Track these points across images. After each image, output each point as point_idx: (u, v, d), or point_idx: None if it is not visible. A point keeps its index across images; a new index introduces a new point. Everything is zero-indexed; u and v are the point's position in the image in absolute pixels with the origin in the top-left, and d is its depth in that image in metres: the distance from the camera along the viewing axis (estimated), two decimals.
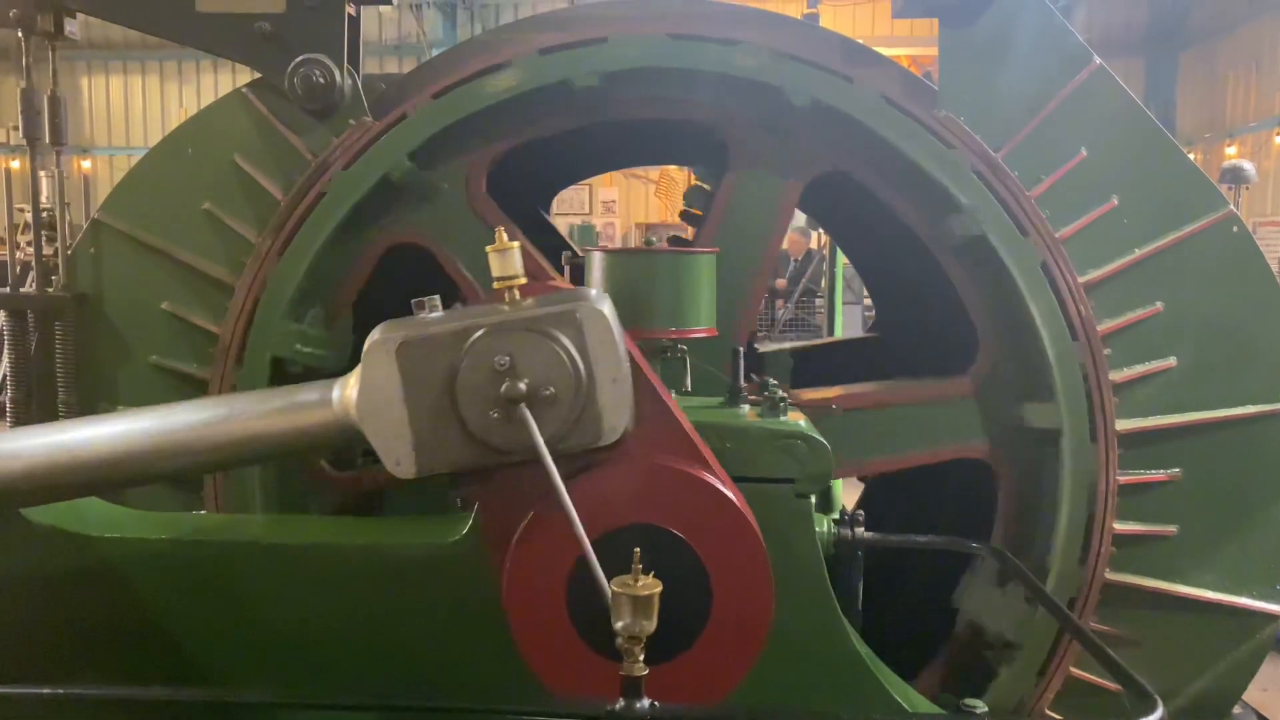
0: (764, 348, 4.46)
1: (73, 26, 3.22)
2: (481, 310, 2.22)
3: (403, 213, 3.21)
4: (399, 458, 2.18)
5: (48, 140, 3.26)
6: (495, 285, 2.21)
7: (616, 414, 2.19)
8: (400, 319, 2.25)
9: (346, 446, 2.30)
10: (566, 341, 2.15)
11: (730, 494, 2.38)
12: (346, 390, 2.23)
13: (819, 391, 3.26)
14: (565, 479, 2.14)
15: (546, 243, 4.04)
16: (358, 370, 2.21)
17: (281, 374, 3.16)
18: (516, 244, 2.21)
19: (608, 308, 2.22)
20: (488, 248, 2.22)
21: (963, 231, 3.04)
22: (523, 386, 2.12)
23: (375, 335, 2.21)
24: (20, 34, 3.15)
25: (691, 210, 3.75)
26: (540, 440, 2.11)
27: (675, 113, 3.20)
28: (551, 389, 2.14)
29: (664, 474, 2.41)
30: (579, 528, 2.11)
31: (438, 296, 2.24)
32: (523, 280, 2.22)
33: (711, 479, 2.40)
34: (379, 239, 3.23)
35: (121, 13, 3.17)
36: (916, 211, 3.15)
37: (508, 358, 2.12)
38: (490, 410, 2.14)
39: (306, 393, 2.32)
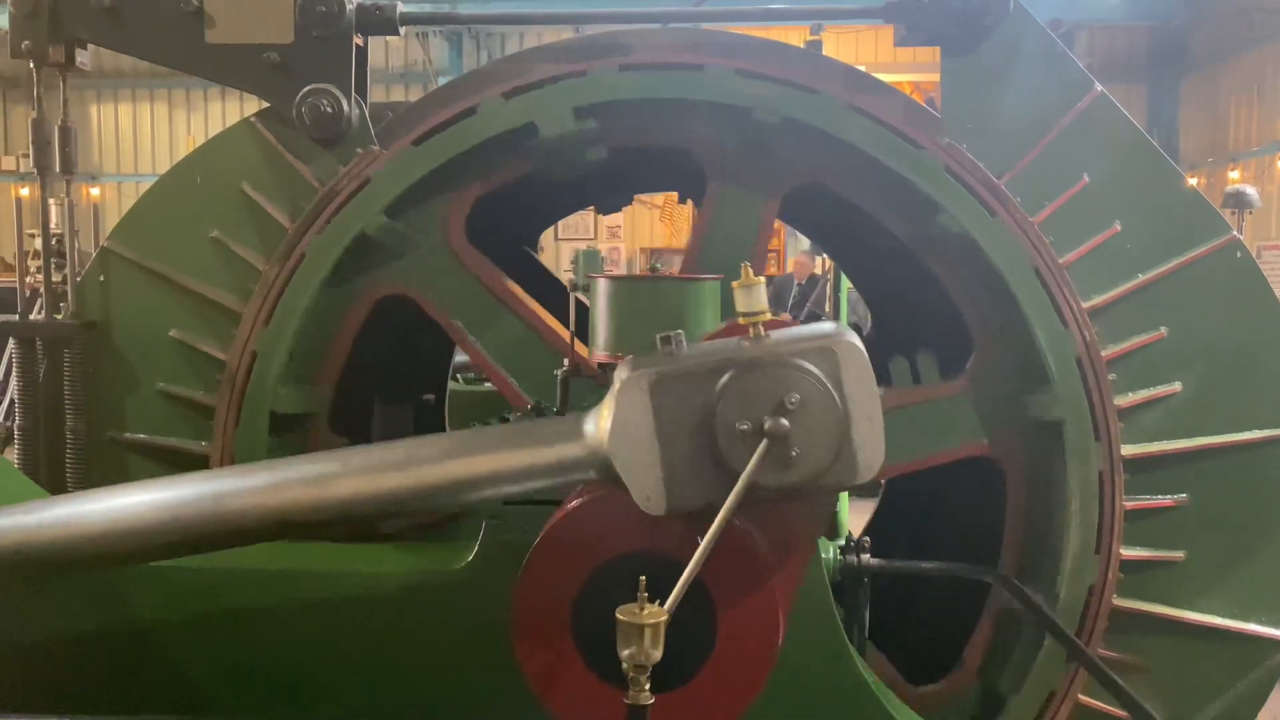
0: None
1: (84, 57, 3.25)
2: (731, 346, 2.21)
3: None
4: (648, 493, 2.18)
5: (58, 169, 3.29)
6: (741, 320, 2.21)
7: (873, 451, 2.17)
8: (646, 355, 2.25)
9: (599, 479, 2.28)
10: (824, 377, 2.13)
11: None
12: (600, 423, 2.23)
13: None
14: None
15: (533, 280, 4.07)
16: (608, 404, 2.21)
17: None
18: (761, 279, 2.21)
19: (859, 342, 2.20)
20: (734, 283, 2.22)
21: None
22: (785, 423, 2.10)
23: (625, 371, 2.21)
24: (32, 65, 3.18)
25: None
26: (748, 473, 2.09)
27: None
28: (809, 426, 2.12)
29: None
30: (696, 562, 2.10)
31: (681, 332, 2.24)
32: (769, 315, 2.21)
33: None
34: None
35: (132, 44, 3.21)
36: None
37: (796, 395, 2.11)
38: (751, 447, 2.11)
39: (553, 426, 2.34)
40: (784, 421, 2.09)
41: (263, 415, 3.11)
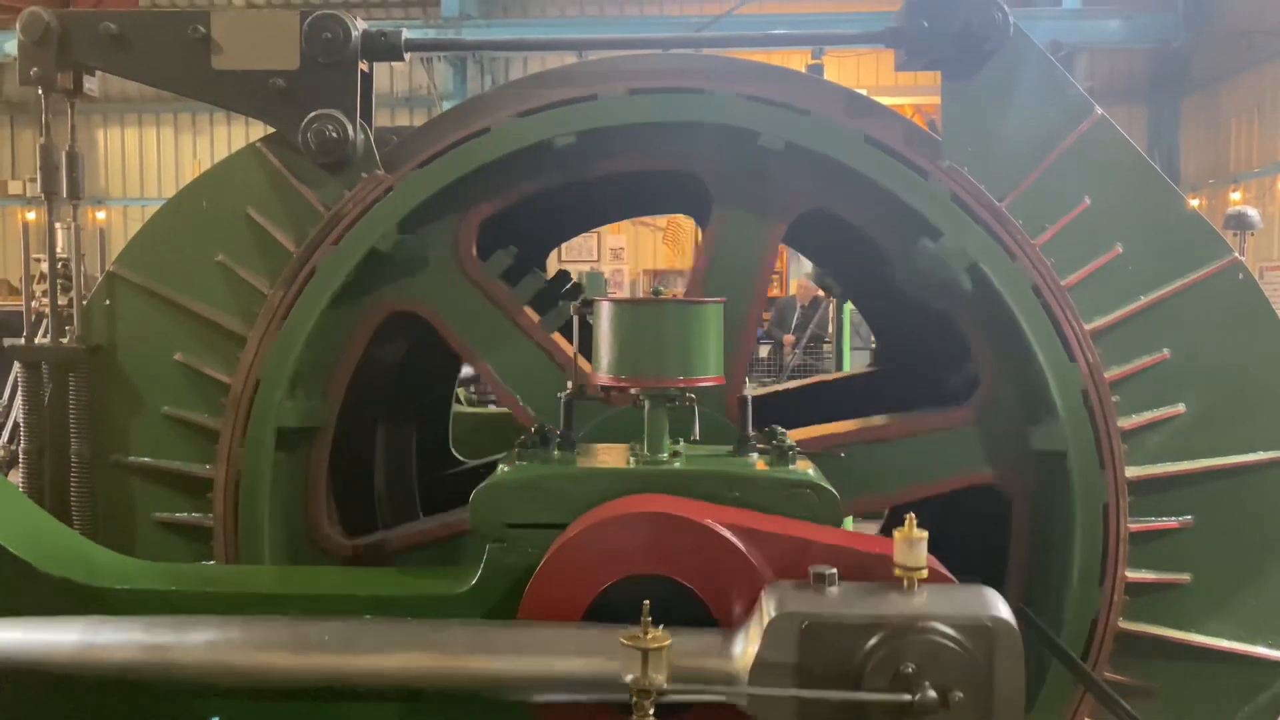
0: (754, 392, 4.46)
1: (91, 84, 3.28)
2: (885, 601, 2.18)
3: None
4: None
5: (65, 195, 3.32)
6: (897, 573, 2.20)
7: None
8: (799, 588, 2.23)
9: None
10: (977, 655, 2.11)
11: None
12: (747, 650, 2.20)
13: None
14: None
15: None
16: (755, 631, 2.19)
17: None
18: (925, 534, 2.19)
19: (1013, 617, 2.17)
20: (896, 533, 2.21)
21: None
22: (933, 695, 2.07)
23: (776, 601, 2.19)
24: (41, 91, 3.21)
25: None
26: None
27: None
28: (958, 701, 2.09)
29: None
30: None
31: (835, 570, 2.23)
32: (924, 574, 2.20)
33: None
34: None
35: (139, 71, 3.24)
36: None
37: (949, 677, 2.08)
38: (895, 712, 2.08)
39: (704, 636, 2.29)
40: (933, 695, 2.07)
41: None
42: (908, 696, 2.08)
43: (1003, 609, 2.19)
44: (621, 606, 2.29)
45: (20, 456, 3.29)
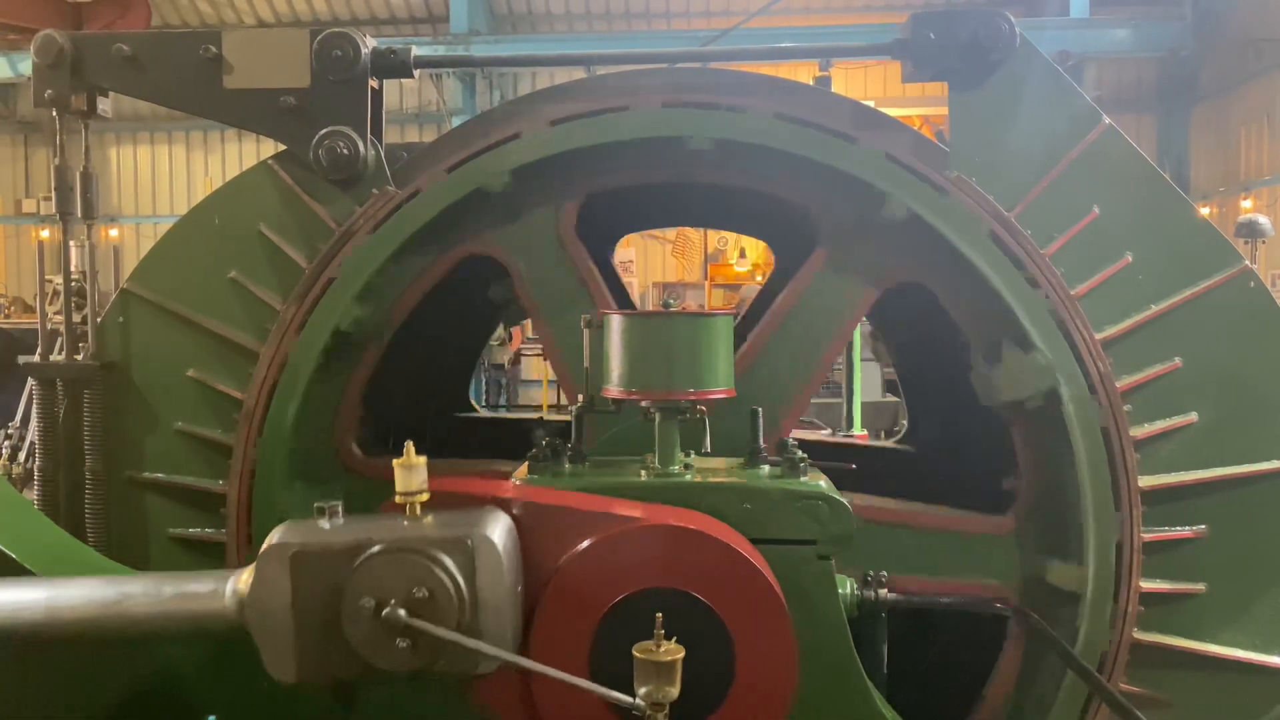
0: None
1: (105, 105, 3.32)
2: (379, 525, 2.26)
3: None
4: (280, 663, 2.23)
5: (79, 215, 3.35)
6: (397, 499, 2.26)
7: (498, 643, 2.22)
8: (302, 521, 2.30)
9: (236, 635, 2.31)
10: (454, 567, 2.19)
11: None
12: (239, 585, 2.28)
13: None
14: None
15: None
16: (252, 568, 2.26)
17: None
18: (423, 459, 2.26)
19: (499, 533, 2.26)
20: (394, 461, 2.26)
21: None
22: (403, 614, 2.14)
23: (274, 537, 2.26)
24: (55, 113, 3.24)
25: None
26: (453, 636, 2.14)
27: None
28: (432, 614, 2.16)
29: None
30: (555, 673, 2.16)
31: (339, 504, 2.29)
32: (425, 496, 2.27)
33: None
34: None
35: (152, 91, 3.27)
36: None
37: (423, 587, 2.16)
38: (378, 632, 2.16)
39: (200, 583, 2.37)
40: (401, 612, 2.14)
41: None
42: (376, 606, 2.14)
43: (489, 526, 2.25)
44: (638, 618, 2.29)
45: (35, 474, 3.31)
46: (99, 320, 3.30)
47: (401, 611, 2.14)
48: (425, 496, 2.27)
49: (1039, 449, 3.15)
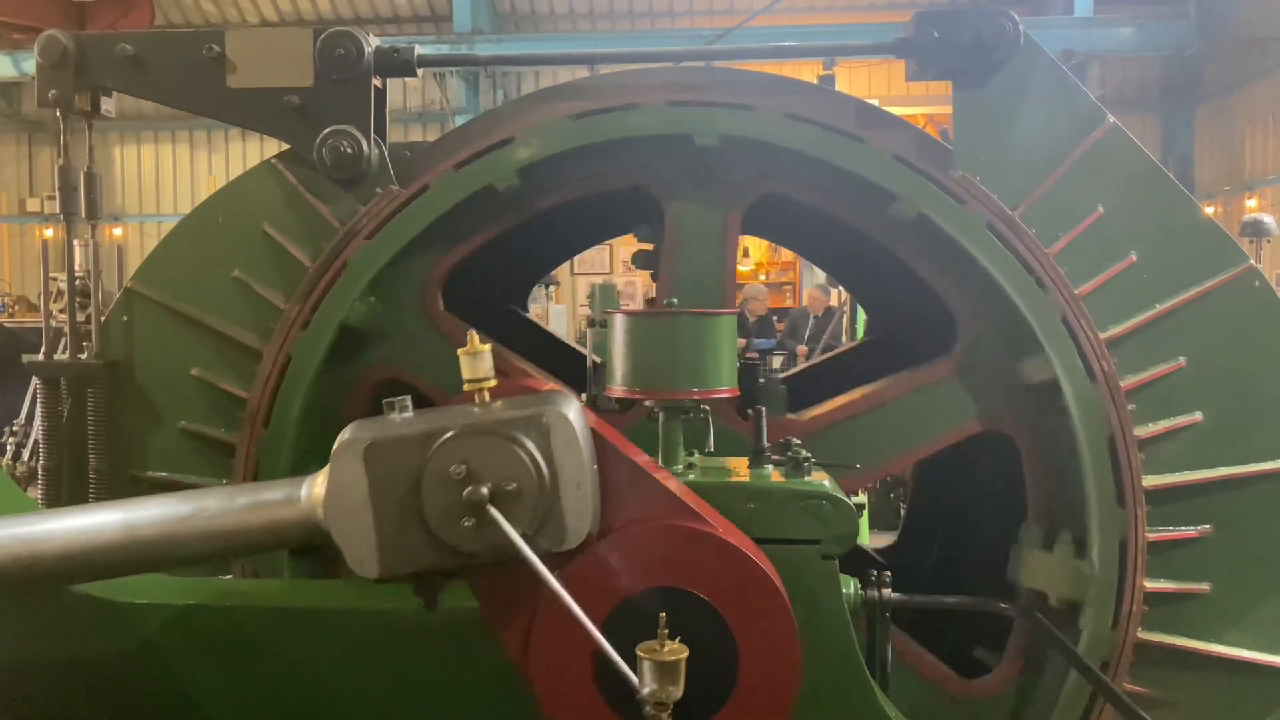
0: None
1: (109, 105, 3.32)
2: (450, 413, 2.23)
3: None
4: (362, 558, 2.19)
5: (83, 215, 3.35)
6: (465, 387, 2.24)
7: (580, 518, 2.20)
8: (371, 419, 2.27)
9: (316, 543, 2.29)
10: (531, 446, 2.16)
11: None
12: (314, 489, 2.25)
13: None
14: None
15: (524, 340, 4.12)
16: (325, 469, 2.23)
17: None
18: (487, 346, 2.24)
19: (574, 412, 2.23)
20: (459, 350, 2.24)
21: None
22: (485, 491, 2.12)
23: (345, 434, 2.23)
24: (59, 113, 3.25)
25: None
26: (519, 539, 2.11)
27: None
28: (514, 492, 2.15)
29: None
30: (581, 615, 2.12)
31: (408, 398, 2.27)
32: (492, 382, 2.24)
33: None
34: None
35: (156, 91, 3.27)
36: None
37: (463, 465, 2.13)
38: (456, 515, 2.14)
39: (274, 490, 2.34)
40: (484, 490, 2.11)
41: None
42: (459, 491, 2.12)
43: (562, 404, 2.22)
44: (640, 618, 2.29)
45: (39, 473, 3.31)
46: (103, 319, 3.30)
47: (484, 490, 2.11)
48: (492, 382, 2.24)
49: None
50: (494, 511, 2.11)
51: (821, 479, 2.71)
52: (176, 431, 3.25)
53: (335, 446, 2.20)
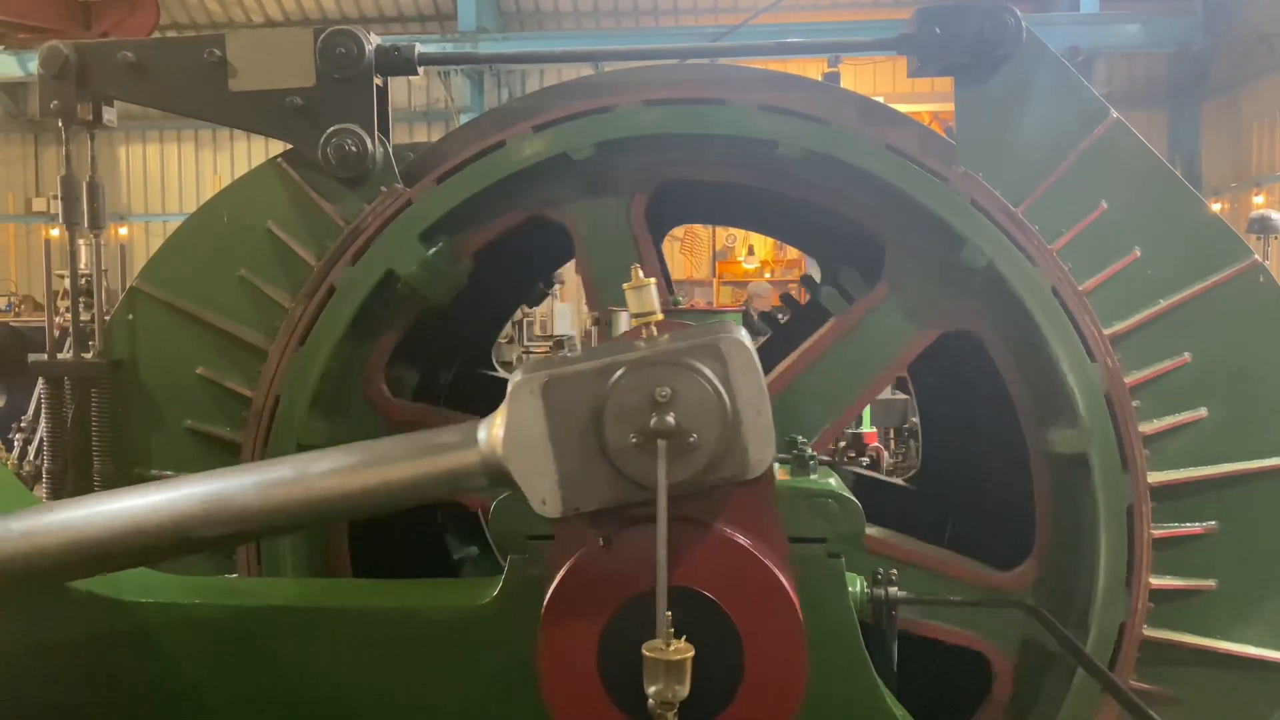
0: None
1: (110, 114, 3.32)
2: (621, 346, 2.22)
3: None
4: (544, 496, 2.18)
5: (86, 225, 3.35)
6: (633, 321, 2.23)
7: (762, 446, 2.18)
8: (540, 358, 2.25)
9: (493, 486, 2.28)
10: (710, 374, 2.14)
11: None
12: (493, 430, 2.23)
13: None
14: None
15: None
16: (502, 410, 2.21)
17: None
18: (652, 280, 2.23)
19: (747, 338, 2.21)
20: (625, 285, 2.24)
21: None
22: (670, 420, 2.10)
23: (518, 375, 2.22)
24: (61, 124, 3.25)
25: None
26: (663, 476, 2.09)
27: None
28: (697, 422, 2.12)
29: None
30: (663, 569, 2.10)
31: (575, 335, 2.25)
32: (659, 316, 2.23)
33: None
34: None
35: (158, 97, 3.27)
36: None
37: (667, 389, 2.11)
38: (637, 445, 2.12)
39: (449, 434, 2.33)
40: (670, 419, 2.09)
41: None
42: (642, 422, 2.10)
43: (734, 331, 2.21)
44: (647, 617, 2.29)
45: (44, 475, 3.32)
46: (107, 318, 3.31)
47: (669, 419, 2.09)
48: (659, 316, 2.23)
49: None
50: (660, 444, 2.08)
51: (828, 477, 2.71)
52: (181, 430, 3.25)
53: (511, 386, 2.19)
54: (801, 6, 18.27)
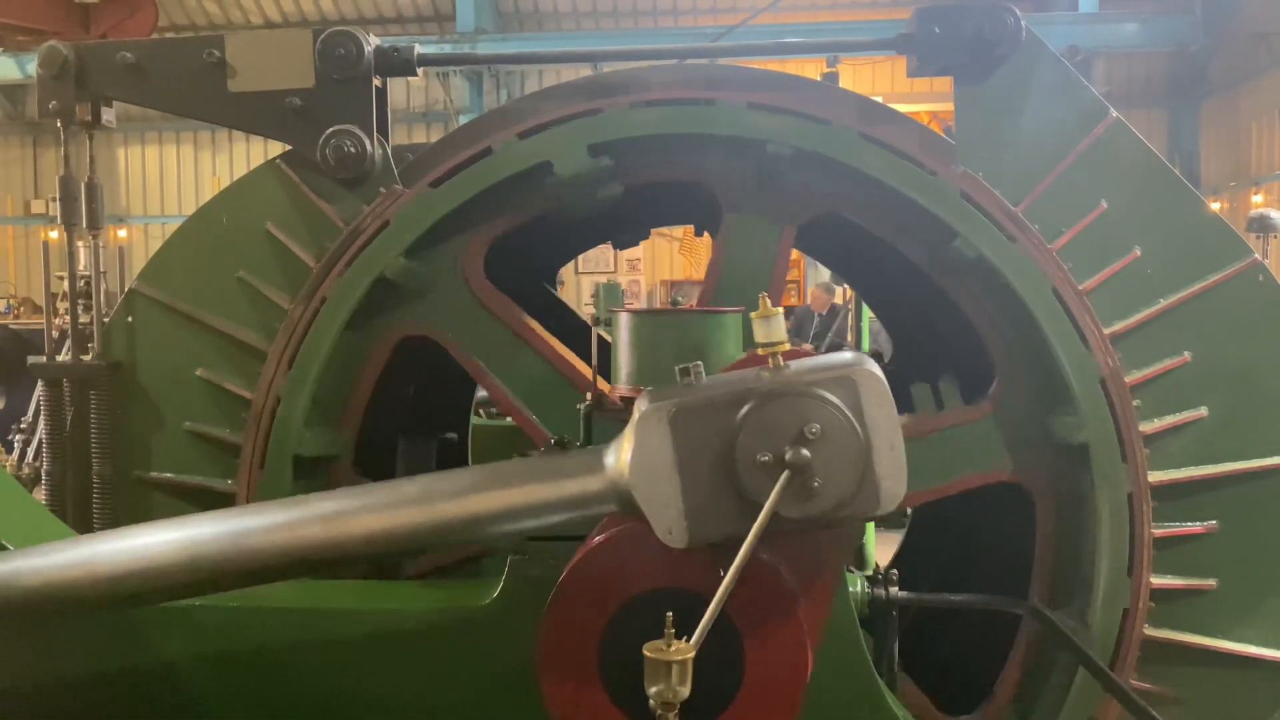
0: None
1: (109, 115, 3.31)
2: (750, 376, 2.18)
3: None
4: (670, 526, 2.14)
5: (85, 226, 3.35)
6: (760, 350, 2.19)
7: (895, 480, 2.13)
8: (667, 386, 2.23)
9: (620, 512, 2.24)
10: (844, 406, 2.10)
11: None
12: (620, 456, 2.20)
13: None
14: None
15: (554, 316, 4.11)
16: (628, 436, 2.19)
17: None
18: (780, 310, 2.20)
19: (878, 369, 2.18)
20: (752, 314, 2.21)
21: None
22: (805, 453, 2.07)
23: (644, 402, 2.19)
24: (60, 125, 3.24)
25: None
26: (770, 505, 2.06)
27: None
28: (830, 456, 2.09)
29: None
30: (720, 596, 2.07)
31: (700, 363, 2.22)
32: (786, 346, 2.19)
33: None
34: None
35: (157, 98, 3.27)
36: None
37: (800, 422, 2.09)
38: (773, 479, 2.08)
39: (573, 460, 2.31)
40: (805, 452, 2.06)
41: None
42: (775, 454, 2.07)
43: (866, 362, 2.18)
44: (646, 619, 2.29)
45: (44, 477, 3.32)
46: (106, 320, 3.30)
47: (805, 452, 2.06)
48: (786, 346, 2.19)
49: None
50: (783, 474, 2.05)
51: None
52: (181, 432, 3.25)
53: (638, 412, 2.16)
54: (800, 7, 18.27)
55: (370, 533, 2.30)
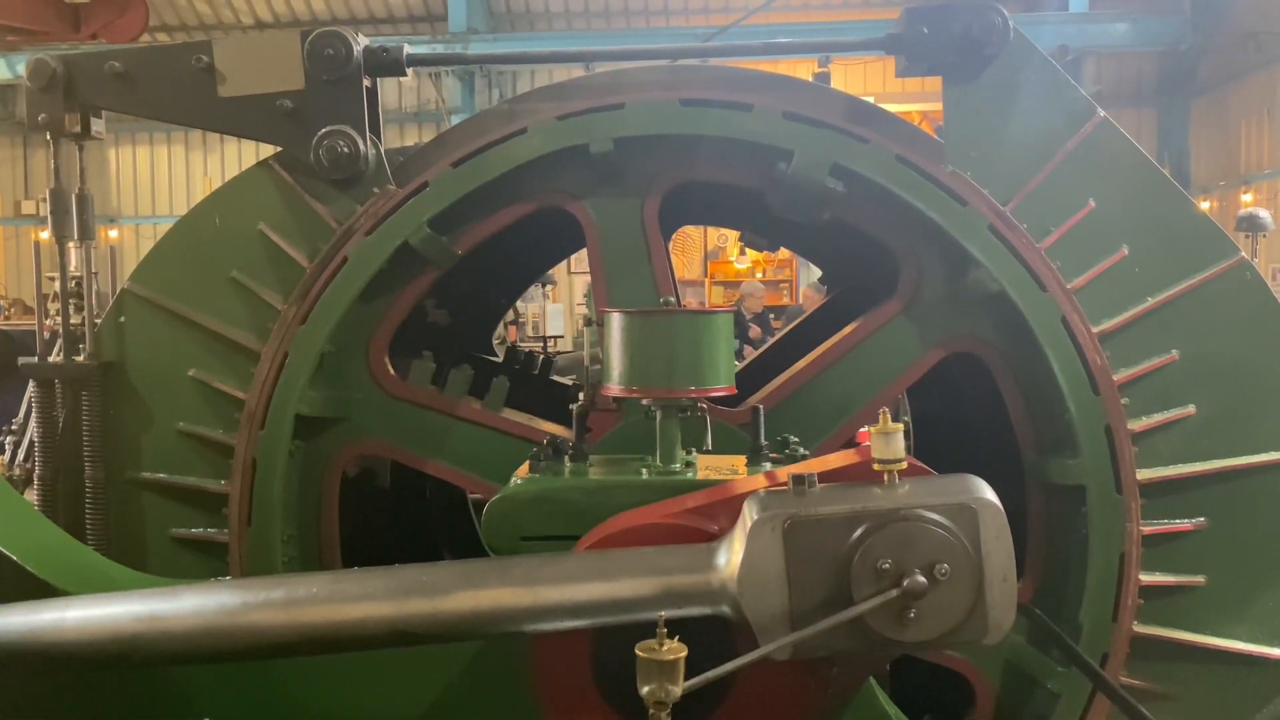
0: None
1: (99, 125, 3.30)
2: (866, 494, 2.18)
3: None
4: (774, 635, 2.13)
5: (75, 237, 3.34)
6: (876, 467, 2.19)
7: (1004, 612, 2.13)
8: (779, 493, 2.22)
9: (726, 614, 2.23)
10: (963, 535, 2.11)
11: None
12: (731, 559, 2.18)
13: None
14: None
15: None
16: (739, 538, 2.18)
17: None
18: (900, 426, 2.19)
19: (996, 498, 2.17)
20: (871, 429, 2.21)
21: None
22: (923, 581, 2.07)
23: (756, 506, 2.19)
24: (49, 137, 3.23)
25: None
26: (864, 606, 2.08)
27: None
28: (946, 585, 2.09)
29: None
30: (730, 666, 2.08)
31: (815, 474, 2.23)
32: (904, 465, 2.20)
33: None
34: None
35: (146, 106, 3.25)
36: None
37: (919, 552, 2.09)
38: (891, 603, 2.08)
39: (680, 556, 2.28)
40: (921, 579, 2.07)
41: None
42: (891, 579, 2.08)
43: (985, 490, 2.19)
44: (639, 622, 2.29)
45: (34, 478, 3.31)
46: (97, 321, 3.30)
47: (921, 579, 2.06)
48: (904, 465, 2.20)
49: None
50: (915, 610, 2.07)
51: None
52: (174, 433, 3.25)
53: (751, 517, 2.16)
54: (791, 7, 18.29)
55: (478, 610, 2.28)
